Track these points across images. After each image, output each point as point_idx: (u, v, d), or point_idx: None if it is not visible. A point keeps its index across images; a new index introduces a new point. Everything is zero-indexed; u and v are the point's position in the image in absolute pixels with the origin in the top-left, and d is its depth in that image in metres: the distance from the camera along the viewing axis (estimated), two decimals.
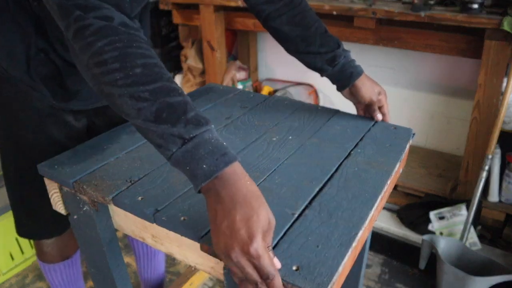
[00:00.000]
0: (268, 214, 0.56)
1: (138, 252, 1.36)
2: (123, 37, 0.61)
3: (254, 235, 0.53)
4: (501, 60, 1.44)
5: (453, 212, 1.64)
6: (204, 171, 0.57)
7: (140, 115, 0.59)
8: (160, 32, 2.36)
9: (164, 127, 0.58)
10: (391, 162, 0.85)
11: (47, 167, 0.84)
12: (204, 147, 0.57)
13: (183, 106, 0.59)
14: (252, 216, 0.54)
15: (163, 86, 0.60)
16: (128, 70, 0.59)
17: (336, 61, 0.97)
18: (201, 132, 0.58)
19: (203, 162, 0.57)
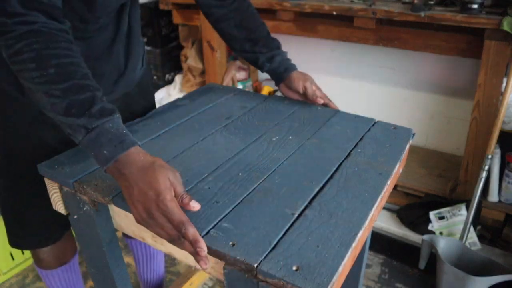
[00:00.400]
0: (167, 173, 0.65)
1: (137, 254, 1.36)
2: (41, 39, 0.68)
3: (158, 192, 0.63)
4: (501, 60, 1.44)
5: (453, 212, 1.65)
6: (105, 156, 0.67)
7: (53, 109, 0.68)
8: (160, 32, 2.36)
9: (71, 119, 0.67)
10: (391, 162, 0.85)
11: (47, 167, 0.84)
12: (105, 136, 0.67)
13: (90, 101, 0.68)
14: (152, 179, 0.64)
15: (74, 85, 0.68)
16: (42, 70, 0.67)
17: (273, 59, 1.08)
18: (102, 122, 0.67)
19: (104, 149, 0.67)
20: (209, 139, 0.94)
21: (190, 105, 1.12)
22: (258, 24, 1.08)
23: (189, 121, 1.03)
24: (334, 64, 2.18)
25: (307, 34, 1.90)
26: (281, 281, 0.57)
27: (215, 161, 0.84)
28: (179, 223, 0.61)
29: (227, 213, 0.70)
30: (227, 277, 0.64)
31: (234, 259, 0.60)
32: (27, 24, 0.67)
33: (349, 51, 2.11)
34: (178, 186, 0.66)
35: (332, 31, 1.83)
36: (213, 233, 0.65)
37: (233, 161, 0.85)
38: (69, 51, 0.70)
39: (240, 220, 0.68)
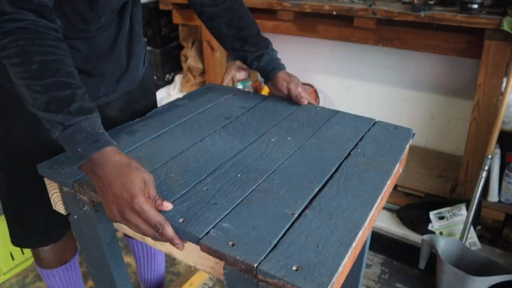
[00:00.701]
0: (142, 175, 0.68)
1: (138, 254, 1.36)
2: (28, 36, 0.70)
3: (133, 194, 0.65)
4: (501, 60, 1.44)
5: (453, 212, 1.65)
6: (79, 154, 0.69)
7: (34, 104, 0.70)
8: (160, 32, 2.36)
9: (50, 115, 0.69)
10: (391, 162, 0.85)
11: (47, 167, 0.84)
12: (81, 133, 0.69)
13: (70, 99, 0.70)
14: (126, 181, 0.66)
15: (56, 82, 0.70)
16: (26, 66, 0.69)
17: (262, 58, 1.10)
18: (79, 120, 0.69)
19: (79, 146, 0.69)
20: (208, 139, 0.94)
21: (190, 105, 1.12)
22: (249, 23, 1.11)
23: (188, 121, 1.03)
24: (334, 64, 2.18)
25: (307, 34, 1.90)
26: (281, 281, 0.57)
27: (213, 162, 0.84)
28: (156, 224, 0.65)
29: (227, 213, 0.70)
30: (227, 277, 0.64)
31: (234, 259, 0.60)
32: (16, 21, 0.69)
33: (349, 51, 2.11)
34: (151, 188, 0.69)
35: (332, 31, 1.83)
36: (213, 233, 0.65)
37: (231, 162, 0.85)
38: (55, 48, 0.72)
39: (240, 220, 0.68)
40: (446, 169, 1.91)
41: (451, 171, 1.88)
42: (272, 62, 1.11)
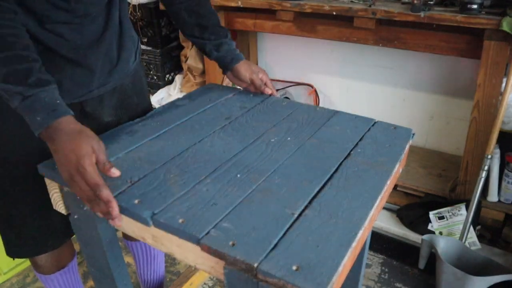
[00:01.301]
0: (91, 142, 0.73)
1: (137, 255, 1.36)
2: None
3: (79, 157, 0.71)
4: (500, 60, 1.44)
5: (453, 212, 1.65)
6: (38, 122, 0.73)
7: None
8: (160, 32, 2.36)
9: (9, 86, 0.73)
10: (391, 162, 0.85)
11: (47, 167, 0.84)
12: (39, 103, 0.73)
13: (28, 72, 0.74)
14: (76, 146, 0.72)
15: (14, 55, 0.74)
16: None
17: (220, 47, 1.13)
18: (37, 91, 0.74)
19: (37, 115, 0.73)
20: (207, 140, 0.94)
21: (190, 105, 1.12)
22: (209, 11, 1.13)
23: (188, 122, 1.03)
24: (334, 64, 2.18)
25: (307, 34, 1.90)
26: (281, 281, 0.57)
27: (213, 162, 0.85)
28: (95, 185, 0.70)
29: (227, 213, 0.70)
30: (227, 277, 0.64)
31: (234, 259, 0.61)
32: None
33: (349, 51, 2.11)
34: (101, 154, 0.74)
35: (332, 31, 1.83)
36: (213, 233, 0.65)
37: (231, 162, 0.85)
38: (12, 22, 0.75)
39: (240, 220, 0.68)
40: (446, 169, 1.91)
41: (451, 171, 1.88)
42: (231, 53, 1.13)
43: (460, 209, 1.64)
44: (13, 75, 0.73)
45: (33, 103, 0.73)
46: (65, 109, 0.76)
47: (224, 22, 2.10)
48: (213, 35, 1.12)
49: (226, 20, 2.09)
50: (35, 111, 0.73)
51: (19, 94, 0.73)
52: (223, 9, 2.05)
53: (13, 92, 0.73)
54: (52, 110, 0.74)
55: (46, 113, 0.73)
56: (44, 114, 0.73)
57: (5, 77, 0.73)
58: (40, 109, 0.73)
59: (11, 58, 0.73)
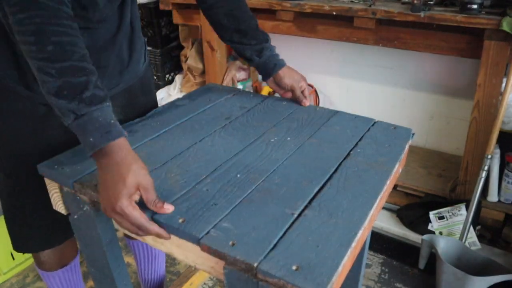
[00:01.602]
0: (137, 180, 0.68)
1: (138, 254, 1.36)
2: (42, 12, 0.67)
3: (118, 196, 0.66)
4: (501, 60, 1.44)
5: (453, 212, 1.65)
6: (91, 144, 0.68)
7: (44, 87, 0.69)
8: (160, 32, 2.35)
9: (62, 101, 0.68)
10: (391, 162, 0.85)
11: (47, 167, 0.84)
12: (92, 124, 0.68)
13: (83, 86, 0.69)
14: (119, 181, 0.67)
15: (70, 66, 0.68)
16: (41, 46, 0.67)
17: (262, 53, 1.09)
18: (91, 110, 0.68)
19: (90, 136, 0.68)
20: (207, 140, 0.94)
21: (190, 105, 1.12)
22: (248, 16, 1.09)
23: (188, 122, 1.03)
24: (334, 64, 2.18)
25: (307, 34, 1.90)
26: (281, 280, 0.57)
27: (213, 162, 0.85)
28: (139, 227, 0.67)
29: (227, 213, 0.70)
30: (227, 277, 0.64)
31: (234, 258, 0.61)
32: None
33: (349, 51, 2.11)
34: (149, 193, 0.69)
35: (332, 31, 1.83)
36: (213, 233, 0.65)
37: (231, 162, 0.85)
38: (70, 29, 0.70)
39: (240, 220, 0.68)
40: (446, 169, 1.91)
41: (451, 171, 1.88)
42: (273, 59, 1.09)
43: (460, 209, 1.64)
44: (67, 89, 0.68)
45: (86, 123, 0.68)
46: (119, 130, 0.70)
47: None
48: (253, 39, 1.08)
49: None
50: (87, 131, 0.68)
51: (72, 112, 0.68)
52: None
53: (66, 109, 0.68)
54: (105, 132, 0.68)
55: (99, 135, 0.68)
56: (97, 136, 0.68)
57: (58, 91, 0.68)
58: (93, 130, 0.68)
59: (67, 70, 0.68)
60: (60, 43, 0.68)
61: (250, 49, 1.09)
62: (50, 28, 0.67)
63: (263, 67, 1.11)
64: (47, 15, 0.67)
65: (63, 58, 0.68)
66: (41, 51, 0.67)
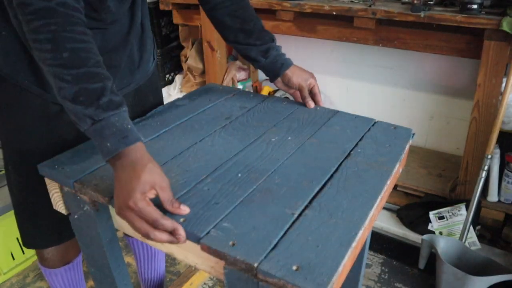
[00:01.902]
0: (153, 177, 0.66)
1: (139, 253, 1.36)
2: (59, 19, 0.67)
3: (131, 192, 0.64)
4: (501, 60, 1.44)
5: (453, 212, 1.65)
6: (108, 149, 0.68)
7: (60, 94, 0.68)
8: (160, 32, 2.36)
9: (78, 107, 0.68)
10: (391, 162, 0.85)
11: (48, 167, 0.84)
12: (110, 129, 0.68)
13: (99, 92, 0.68)
14: (133, 178, 0.65)
15: (86, 72, 0.68)
16: (57, 53, 0.67)
17: (268, 53, 1.07)
18: (108, 115, 0.68)
19: (107, 141, 0.68)
20: (208, 140, 0.94)
21: (190, 105, 1.12)
22: (252, 16, 1.08)
23: (188, 122, 1.03)
24: (334, 64, 2.18)
25: (307, 34, 1.90)
26: (281, 280, 0.57)
27: (213, 162, 0.85)
28: (152, 221, 0.64)
29: (227, 213, 0.70)
30: (227, 277, 0.64)
31: (234, 258, 0.61)
32: None
33: (349, 51, 2.11)
34: (164, 191, 0.67)
35: (332, 31, 1.83)
36: (213, 233, 0.65)
37: (232, 162, 0.85)
38: (84, 35, 0.70)
39: (240, 220, 0.68)
40: (446, 169, 1.91)
41: (451, 171, 1.88)
42: (280, 58, 1.07)
43: (460, 209, 1.64)
44: (84, 95, 0.68)
45: (103, 129, 0.68)
46: (136, 135, 0.70)
47: None
48: (258, 40, 1.06)
49: None
50: (105, 137, 0.68)
51: (89, 118, 0.68)
52: None
53: (83, 114, 0.68)
54: (122, 137, 0.68)
55: (116, 140, 0.68)
56: (114, 141, 0.68)
57: (75, 97, 0.67)
58: (110, 135, 0.68)
59: (82, 76, 0.68)
60: (75, 50, 0.68)
61: (256, 49, 1.07)
62: (66, 35, 0.67)
63: (269, 68, 1.08)
64: (62, 22, 0.67)
65: (79, 64, 0.68)
66: (57, 58, 0.67)
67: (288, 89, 1.11)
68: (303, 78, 1.07)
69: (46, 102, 0.92)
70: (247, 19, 1.06)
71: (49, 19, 0.67)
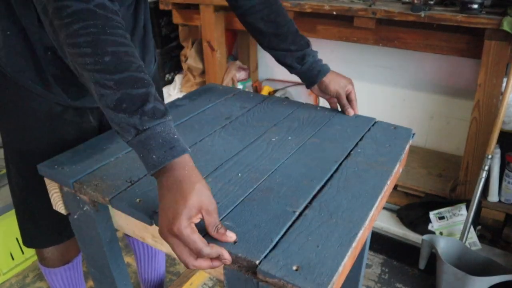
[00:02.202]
0: (201, 199, 0.61)
1: (139, 253, 1.36)
2: (98, 22, 0.63)
3: (177, 217, 0.59)
4: (501, 60, 1.44)
5: (453, 212, 1.65)
6: (154, 161, 0.62)
7: (102, 101, 0.63)
8: (160, 32, 2.35)
9: (121, 116, 0.62)
10: (391, 162, 0.85)
11: (47, 167, 0.84)
12: (155, 140, 0.62)
13: (144, 98, 0.63)
14: (179, 200, 0.60)
15: (129, 77, 0.63)
16: (98, 57, 0.62)
17: (305, 60, 1.04)
18: (154, 125, 0.62)
19: (153, 153, 0.62)
20: (208, 139, 0.94)
21: (190, 105, 1.12)
22: (286, 20, 1.04)
23: (188, 121, 1.03)
24: (334, 64, 2.16)
25: (307, 34, 1.89)
26: (281, 280, 0.57)
27: (214, 162, 0.84)
28: (197, 252, 0.59)
29: (228, 212, 0.70)
30: (227, 277, 0.64)
31: (236, 256, 0.61)
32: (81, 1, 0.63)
33: (349, 51, 2.11)
34: (211, 215, 0.62)
35: (332, 31, 1.83)
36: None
37: (232, 161, 0.85)
38: (125, 39, 0.66)
39: (241, 219, 0.68)
40: (446, 169, 1.91)
41: (451, 171, 1.88)
42: (317, 65, 1.05)
43: (461, 209, 1.64)
44: (127, 101, 0.62)
45: (149, 139, 0.62)
46: (183, 146, 0.64)
47: (224, 22, 2.10)
48: (293, 45, 1.03)
49: (226, 20, 2.10)
50: (150, 148, 0.62)
51: (133, 128, 0.62)
52: (223, 9, 2.05)
53: (126, 124, 0.62)
54: (170, 148, 0.62)
55: (163, 151, 0.62)
56: (160, 152, 0.62)
57: (117, 104, 0.62)
58: (156, 147, 0.62)
59: (125, 80, 0.62)
60: (117, 54, 0.63)
61: (291, 55, 1.04)
62: (107, 38, 0.63)
63: (306, 74, 1.05)
64: (102, 25, 0.63)
65: (121, 68, 0.63)
66: (97, 62, 0.62)
67: (326, 96, 1.08)
68: (341, 85, 1.04)
69: (49, 103, 0.92)
70: (281, 23, 1.03)
71: (89, 21, 0.62)
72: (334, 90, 1.04)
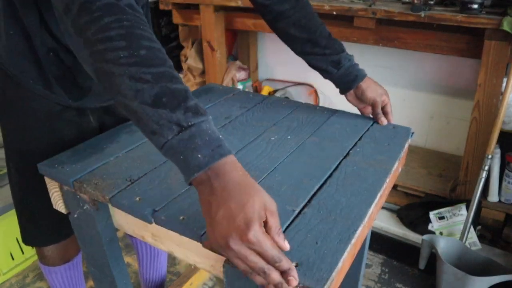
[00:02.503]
0: (265, 199, 0.55)
1: (141, 253, 1.36)
2: (130, 17, 0.60)
3: (251, 222, 0.52)
4: (501, 60, 1.44)
5: (453, 212, 1.65)
6: (199, 161, 0.56)
7: (138, 97, 0.57)
8: (160, 32, 2.36)
9: (162, 111, 0.56)
10: (390, 161, 0.85)
11: (47, 166, 0.84)
12: (201, 137, 0.56)
13: (184, 93, 0.58)
14: (247, 202, 0.54)
15: (166, 72, 0.59)
16: (133, 50, 0.58)
17: (341, 64, 1.00)
18: (199, 121, 0.57)
19: (198, 152, 0.56)
20: None
21: None
22: (318, 24, 1.01)
23: None
24: None
25: None
26: None
27: None
28: (274, 258, 0.53)
29: None
30: (226, 275, 0.64)
31: None
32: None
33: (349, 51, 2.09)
34: (276, 218, 0.56)
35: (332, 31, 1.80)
36: None
37: None
38: (155, 38, 0.63)
39: None
40: (446, 169, 1.91)
41: (451, 171, 1.88)
42: (354, 69, 1.00)
43: (461, 209, 1.64)
44: (168, 96, 0.57)
45: (194, 137, 0.56)
46: (228, 146, 0.58)
47: (224, 22, 2.10)
48: (327, 49, 0.99)
49: (226, 20, 2.10)
50: (195, 147, 0.56)
51: (176, 124, 0.56)
52: (223, 9, 2.06)
53: (167, 121, 0.56)
54: (217, 146, 0.56)
55: (210, 149, 0.56)
56: (207, 151, 0.56)
57: (156, 99, 0.56)
58: (202, 145, 0.56)
59: (163, 74, 0.58)
60: (152, 49, 0.59)
61: (325, 60, 1.00)
62: (141, 33, 0.59)
63: (342, 79, 1.01)
64: (134, 20, 0.60)
65: (157, 63, 0.59)
66: (133, 55, 0.58)
67: (360, 103, 1.04)
68: (378, 93, 1.00)
69: (50, 103, 0.92)
70: (313, 28, 1.00)
71: (121, 15, 0.59)
72: (371, 97, 0.99)
